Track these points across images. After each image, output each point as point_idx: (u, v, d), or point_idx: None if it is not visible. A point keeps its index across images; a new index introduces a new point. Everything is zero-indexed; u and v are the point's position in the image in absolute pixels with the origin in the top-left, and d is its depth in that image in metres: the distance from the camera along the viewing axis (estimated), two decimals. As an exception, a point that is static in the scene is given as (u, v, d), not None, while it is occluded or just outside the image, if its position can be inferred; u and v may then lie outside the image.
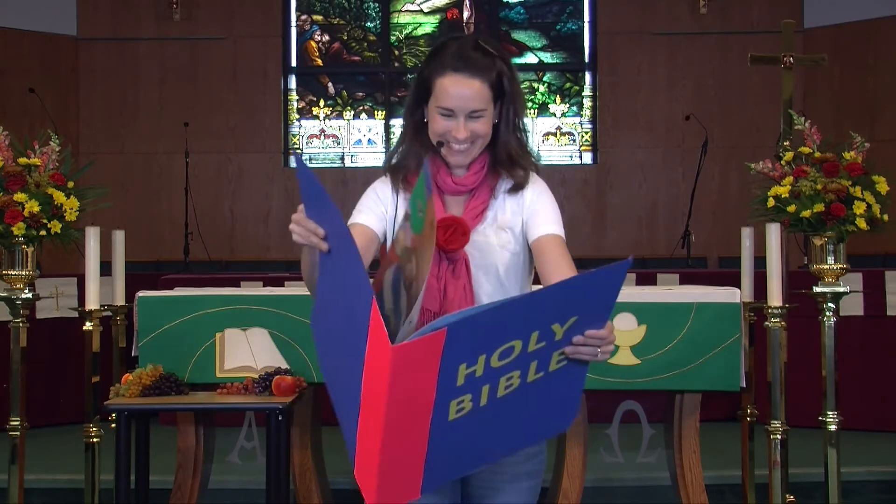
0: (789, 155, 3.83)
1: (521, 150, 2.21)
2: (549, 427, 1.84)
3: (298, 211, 1.78)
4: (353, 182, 8.91)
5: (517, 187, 2.19)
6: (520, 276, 2.22)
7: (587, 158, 9.07)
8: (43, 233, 3.55)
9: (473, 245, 2.15)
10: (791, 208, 3.69)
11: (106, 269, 3.80)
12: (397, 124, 9.03)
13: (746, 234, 3.95)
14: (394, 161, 2.25)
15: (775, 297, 3.72)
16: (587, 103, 9.08)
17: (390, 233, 2.21)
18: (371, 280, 1.70)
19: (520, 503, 2.15)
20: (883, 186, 3.70)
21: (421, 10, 9.21)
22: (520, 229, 2.19)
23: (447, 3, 9.19)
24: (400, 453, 1.66)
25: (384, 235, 2.22)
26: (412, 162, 2.21)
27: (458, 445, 1.73)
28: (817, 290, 3.78)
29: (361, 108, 9.17)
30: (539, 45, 9.18)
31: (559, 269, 2.09)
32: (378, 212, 2.22)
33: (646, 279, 5.86)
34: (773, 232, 3.71)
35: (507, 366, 1.65)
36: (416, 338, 1.56)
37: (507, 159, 2.19)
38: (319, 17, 9.21)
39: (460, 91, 2.10)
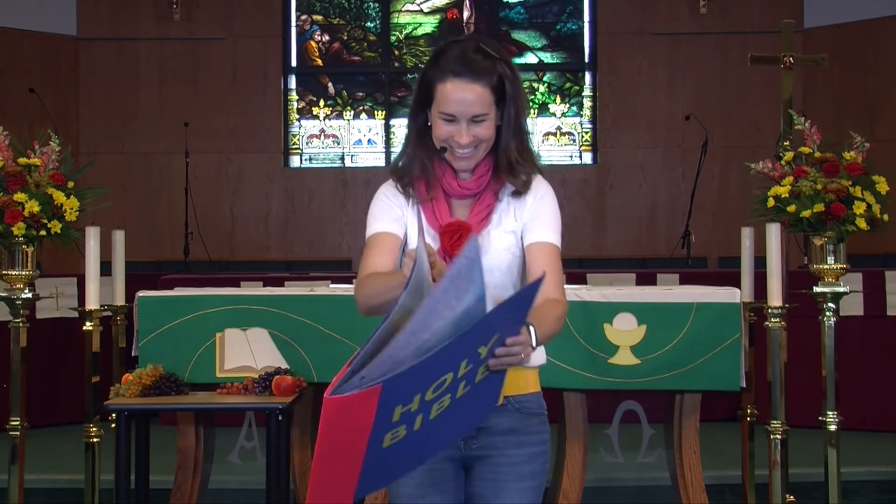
0: (789, 155, 3.83)
1: (523, 153, 2.20)
2: (472, 420, 1.91)
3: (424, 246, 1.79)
4: (353, 182, 8.91)
5: (519, 192, 2.20)
6: (520, 274, 2.23)
7: (587, 158, 9.07)
8: (43, 233, 3.55)
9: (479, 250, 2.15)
10: (791, 208, 3.69)
11: (106, 269, 3.80)
12: (397, 124, 9.03)
13: (746, 234, 3.95)
14: (399, 165, 2.24)
15: (775, 297, 3.72)
16: (587, 103, 9.08)
17: (408, 232, 2.21)
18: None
19: (523, 503, 2.15)
20: (883, 186, 3.70)
21: (421, 10, 9.21)
22: (521, 232, 2.20)
23: (447, 3, 9.19)
24: (333, 474, 1.69)
25: (405, 237, 2.22)
26: (417, 168, 2.20)
27: (389, 464, 1.75)
28: (817, 290, 3.78)
29: (361, 108, 9.17)
30: (539, 45, 9.18)
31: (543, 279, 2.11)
32: (394, 215, 2.21)
33: (646, 279, 5.86)
34: (773, 232, 3.71)
35: (441, 394, 1.68)
36: (352, 393, 1.58)
37: (508, 166, 2.18)
38: (319, 17, 9.21)
39: (462, 96, 2.09)
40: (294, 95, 9.12)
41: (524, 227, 2.20)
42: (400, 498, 2.16)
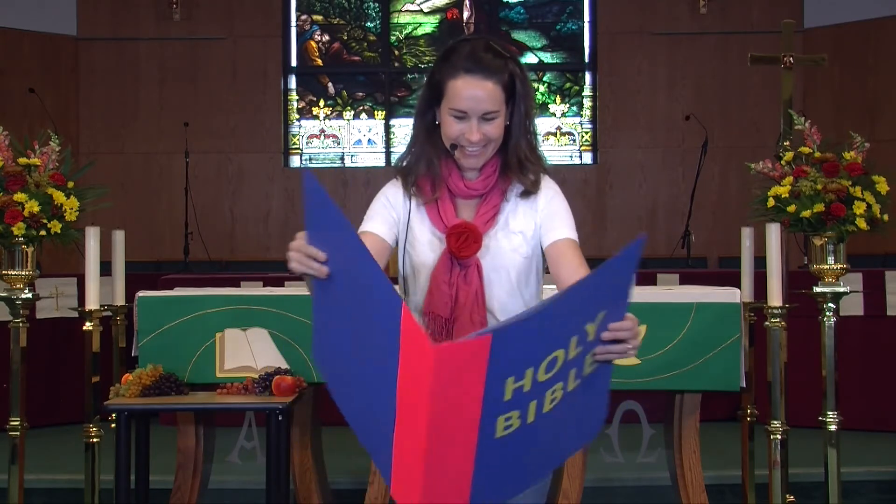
0: (789, 155, 3.82)
1: (532, 153, 2.20)
2: (582, 435, 1.81)
3: (297, 238, 1.76)
4: (353, 182, 8.91)
5: (528, 192, 2.19)
6: (532, 281, 2.22)
7: (587, 158, 9.07)
8: (43, 233, 3.55)
9: (485, 249, 2.14)
10: (791, 208, 3.69)
11: (106, 269, 3.80)
12: (397, 124, 9.03)
13: (746, 234, 3.95)
14: (404, 164, 2.23)
15: (775, 297, 3.72)
16: (587, 103, 9.08)
17: (402, 237, 2.20)
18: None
19: (527, 503, 2.15)
20: (883, 186, 3.70)
21: (421, 10, 9.21)
22: (532, 233, 2.19)
23: (447, 3, 9.18)
24: (445, 464, 1.62)
25: (395, 241, 2.21)
26: (423, 166, 2.19)
27: (505, 465, 1.69)
28: (817, 290, 3.78)
29: (361, 108, 9.17)
30: (539, 45, 9.18)
31: (578, 272, 2.10)
32: (389, 218, 2.21)
33: (646, 279, 5.86)
34: (773, 232, 3.71)
35: (552, 378, 1.62)
36: (460, 341, 1.54)
37: (518, 165, 2.18)
38: (319, 17, 9.21)
39: (473, 93, 2.09)
40: (294, 95, 9.12)
41: (540, 227, 2.19)
42: None
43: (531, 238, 2.19)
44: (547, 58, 9.17)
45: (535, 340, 1.58)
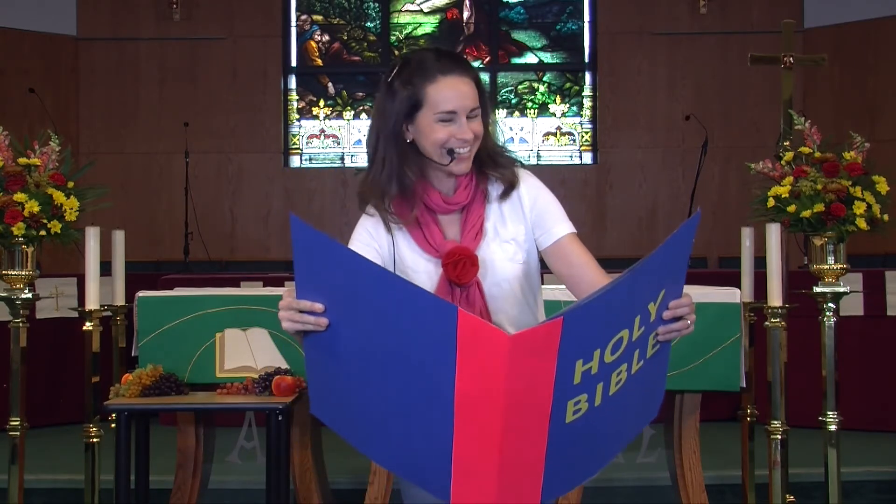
0: (789, 155, 3.82)
1: (499, 147, 2.17)
2: (642, 417, 1.84)
3: (284, 296, 1.72)
4: (353, 182, 8.86)
5: (509, 188, 2.13)
6: (534, 285, 2.19)
7: (587, 158, 9.07)
8: (43, 233, 3.55)
9: (482, 265, 2.09)
10: (791, 208, 3.69)
11: (106, 269, 3.80)
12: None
13: (746, 234, 3.95)
14: (370, 186, 2.12)
15: (775, 297, 3.72)
16: (587, 103, 9.08)
17: (392, 268, 2.12)
18: None
19: None
20: (883, 186, 3.70)
21: (421, 10, 9.21)
22: (524, 237, 2.13)
23: (447, 3, 9.19)
24: (519, 458, 1.61)
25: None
26: (395, 187, 2.08)
27: (574, 450, 1.68)
28: (817, 290, 3.78)
29: (361, 108, 9.17)
30: (539, 45, 9.18)
31: (588, 266, 2.09)
32: (373, 254, 2.12)
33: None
34: (773, 232, 3.71)
35: (618, 360, 1.63)
36: (534, 327, 1.54)
37: (490, 159, 2.13)
38: (319, 17, 9.21)
39: (458, 90, 2.05)
40: (294, 95, 9.12)
41: (533, 227, 2.14)
42: (414, 498, 2.13)
43: (524, 242, 2.13)
44: (547, 58, 9.17)
45: (603, 321, 1.58)
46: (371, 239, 2.13)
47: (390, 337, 1.64)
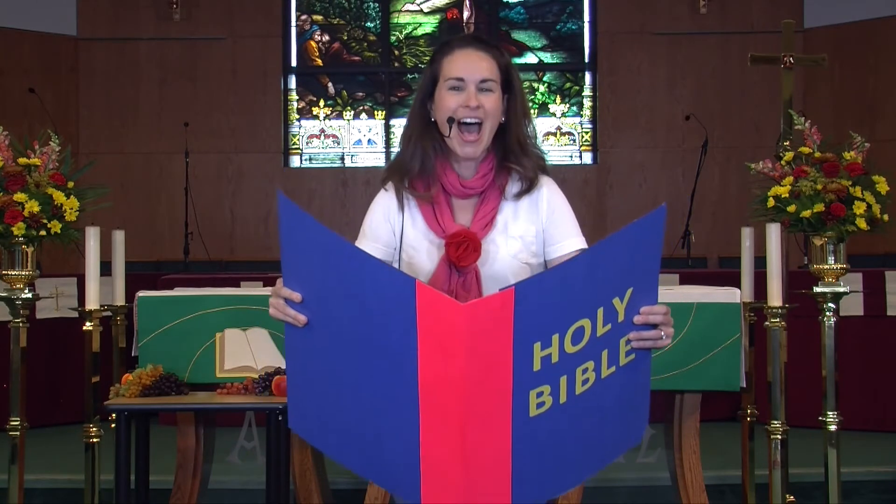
0: (789, 155, 3.82)
1: (529, 139, 2.17)
2: (623, 437, 1.79)
3: (277, 283, 1.76)
4: (352, 182, 8.91)
5: (527, 188, 2.14)
6: None
7: (587, 158, 9.07)
8: (43, 233, 3.55)
9: (484, 255, 2.10)
10: (791, 208, 3.69)
11: (106, 269, 3.80)
12: (397, 124, 9.02)
13: (746, 234, 3.95)
14: (396, 164, 2.19)
15: (775, 297, 3.72)
16: (587, 103, 9.08)
17: (398, 245, 2.15)
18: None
19: None
20: (883, 186, 3.70)
21: (421, 10, 9.21)
22: (533, 238, 2.14)
23: (447, 3, 9.18)
24: (483, 451, 1.60)
25: (393, 254, 2.17)
26: (416, 164, 2.14)
27: (543, 452, 1.66)
28: (817, 290, 3.78)
29: (361, 108, 9.17)
30: (539, 45, 9.18)
31: None
32: (384, 237, 2.16)
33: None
34: (773, 232, 3.71)
35: (581, 352, 1.61)
36: (487, 296, 1.54)
37: (517, 146, 2.14)
38: (319, 17, 9.21)
39: (470, 59, 2.09)
40: (294, 95, 9.12)
41: (544, 234, 2.15)
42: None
43: (532, 243, 2.14)
44: (547, 58, 9.17)
45: (558, 300, 1.57)
46: (384, 219, 2.17)
47: (358, 321, 1.65)
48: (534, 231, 2.15)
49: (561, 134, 9.09)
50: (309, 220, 1.64)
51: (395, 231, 2.17)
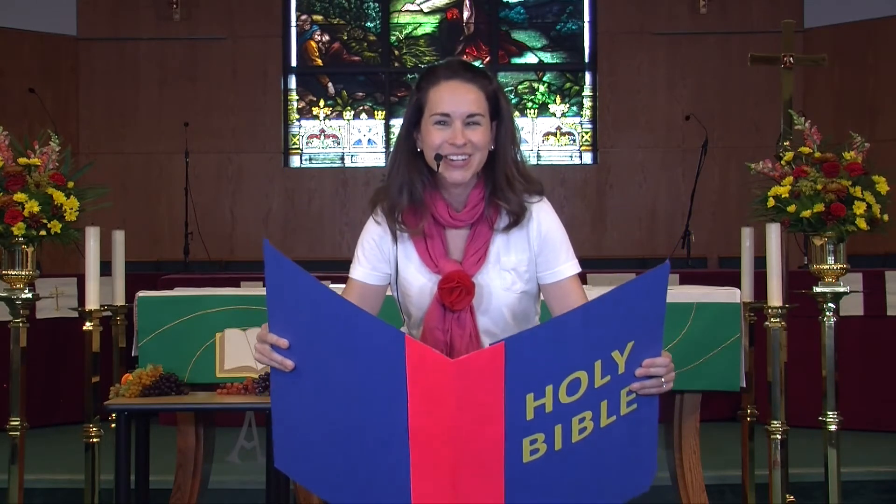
0: (789, 155, 3.82)
1: (521, 173, 2.12)
2: (632, 484, 1.77)
3: (262, 329, 1.74)
4: (352, 182, 8.91)
5: (514, 223, 2.10)
6: (528, 312, 2.18)
7: (587, 158, 9.07)
8: (43, 233, 3.54)
9: (477, 290, 2.07)
10: (791, 208, 3.69)
11: (106, 269, 3.80)
12: (397, 124, 9.00)
13: (746, 234, 3.95)
14: (385, 196, 2.14)
15: (775, 297, 3.72)
16: (587, 103, 9.08)
17: (393, 276, 2.13)
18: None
19: None
20: (883, 186, 3.70)
21: (421, 10, 9.21)
22: (525, 268, 2.12)
23: (447, 3, 9.19)
24: (476, 493, 1.59)
25: (387, 281, 2.16)
26: (405, 197, 2.10)
27: (538, 497, 1.65)
28: (817, 290, 3.78)
29: (361, 108, 9.17)
30: (539, 45, 9.18)
31: None
32: (377, 265, 2.14)
33: (646, 279, 5.84)
34: (773, 232, 3.71)
35: (578, 403, 1.60)
36: (477, 351, 1.54)
37: (505, 182, 2.09)
38: (319, 17, 9.21)
39: (456, 94, 2.04)
40: (294, 95, 9.12)
41: (537, 259, 2.12)
42: None
43: (524, 272, 2.12)
44: (547, 58, 9.17)
45: (551, 352, 1.56)
46: (376, 247, 2.14)
47: (347, 371, 1.64)
48: (526, 259, 2.13)
49: (561, 134, 9.10)
50: (297, 271, 1.63)
51: (389, 260, 2.14)
